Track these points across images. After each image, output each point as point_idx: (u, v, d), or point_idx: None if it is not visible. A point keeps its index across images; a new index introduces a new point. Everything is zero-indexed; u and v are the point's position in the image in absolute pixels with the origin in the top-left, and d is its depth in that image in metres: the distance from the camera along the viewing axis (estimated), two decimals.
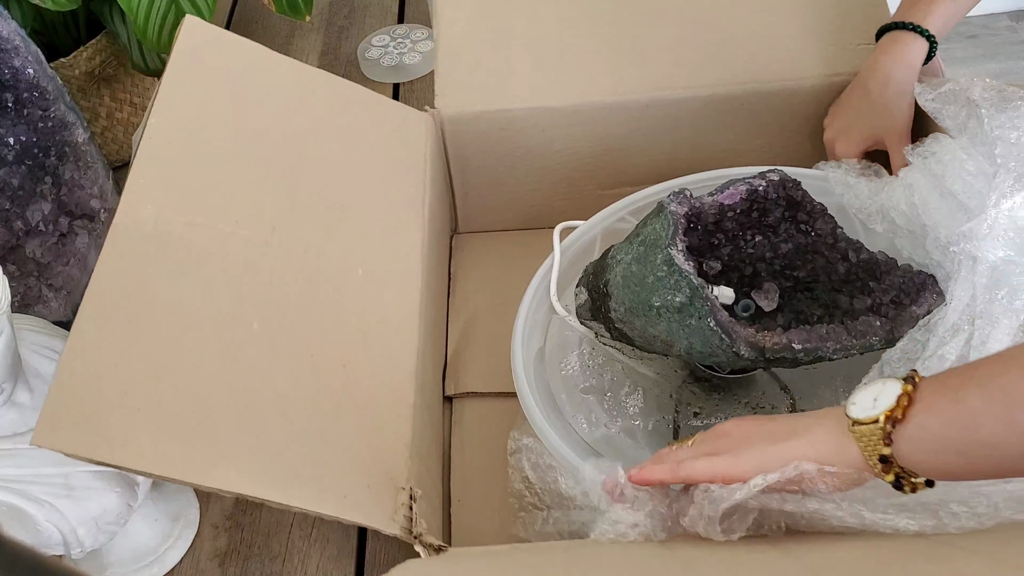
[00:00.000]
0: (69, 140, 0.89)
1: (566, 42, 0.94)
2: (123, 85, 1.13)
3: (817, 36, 0.91)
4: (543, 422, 0.70)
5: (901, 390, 0.48)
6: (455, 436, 0.85)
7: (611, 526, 0.57)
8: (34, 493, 0.66)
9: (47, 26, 1.05)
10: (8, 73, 0.83)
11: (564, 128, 0.93)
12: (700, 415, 0.75)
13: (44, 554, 0.32)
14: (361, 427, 0.68)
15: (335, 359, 0.71)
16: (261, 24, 1.33)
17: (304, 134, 0.82)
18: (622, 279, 0.69)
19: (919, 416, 0.47)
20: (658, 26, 0.94)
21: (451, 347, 0.92)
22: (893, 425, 0.47)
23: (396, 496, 0.65)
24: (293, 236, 0.75)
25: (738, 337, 0.64)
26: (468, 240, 1.03)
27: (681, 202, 0.70)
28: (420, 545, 0.63)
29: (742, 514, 0.53)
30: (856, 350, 0.65)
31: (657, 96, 0.90)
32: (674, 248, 0.66)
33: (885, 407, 0.48)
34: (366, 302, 0.75)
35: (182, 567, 0.78)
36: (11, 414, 0.66)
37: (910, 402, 0.47)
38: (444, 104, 0.91)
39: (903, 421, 0.47)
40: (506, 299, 0.93)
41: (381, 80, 1.22)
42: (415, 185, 0.86)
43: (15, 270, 0.89)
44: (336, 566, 0.77)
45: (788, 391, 0.75)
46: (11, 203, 0.87)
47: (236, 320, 0.68)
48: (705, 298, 0.64)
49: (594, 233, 0.85)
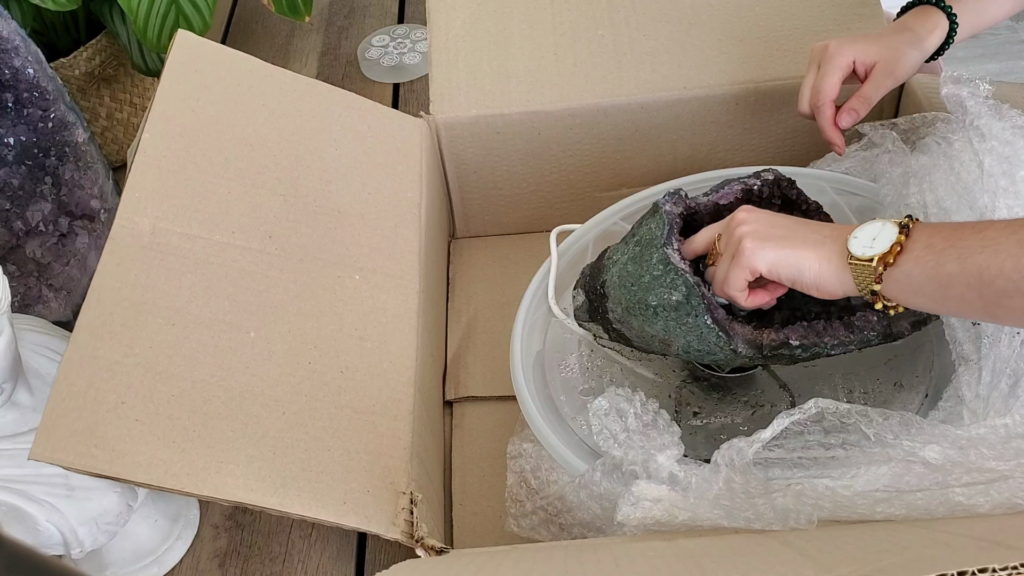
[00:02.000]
0: (69, 140, 0.89)
1: (561, 45, 0.94)
2: (123, 85, 1.13)
3: (811, 36, 0.91)
4: (543, 425, 0.70)
5: (895, 238, 0.55)
6: (455, 439, 0.85)
7: (633, 506, 0.58)
8: (34, 493, 0.66)
9: (47, 26, 1.05)
10: (8, 73, 0.83)
11: (560, 131, 0.93)
12: (700, 415, 0.75)
13: (44, 554, 0.32)
14: (360, 432, 0.68)
15: (333, 365, 0.71)
16: (261, 24, 1.33)
17: (299, 143, 0.82)
18: (618, 279, 0.69)
19: (906, 265, 0.54)
20: (653, 28, 0.94)
21: (450, 351, 0.92)
22: (884, 267, 0.55)
23: (396, 500, 0.65)
24: (290, 244, 0.75)
25: (735, 334, 0.64)
26: (466, 245, 1.03)
27: (676, 202, 0.70)
28: (422, 548, 0.63)
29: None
30: (854, 345, 0.65)
31: (653, 97, 0.90)
32: (670, 247, 0.66)
33: (880, 250, 0.55)
34: (364, 308, 0.76)
35: (182, 567, 0.78)
36: (11, 414, 0.66)
37: (901, 250, 0.55)
38: (439, 110, 0.91)
39: (893, 266, 0.55)
40: (505, 303, 0.93)
41: (381, 80, 1.22)
42: (411, 190, 0.86)
43: (15, 270, 0.89)
44: (336, 566, 0.77)
45: (787, 389, 0.75)
46: (11, 203, 0.88)
47: (233, 328, 0.68)
48: (701, 296, 0.64)
49: (588, 238, 0.85)
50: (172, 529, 0.79)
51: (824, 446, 0.58)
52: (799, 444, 0.59)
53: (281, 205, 0.77)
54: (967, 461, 0.53)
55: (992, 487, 0.52)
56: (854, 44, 0.77)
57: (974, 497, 0.53)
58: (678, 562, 0.52)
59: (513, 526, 0.73)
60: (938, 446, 0.54)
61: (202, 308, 0.68)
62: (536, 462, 0.73)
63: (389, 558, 0.78)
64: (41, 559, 0.31)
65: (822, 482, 0.55)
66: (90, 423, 0.60)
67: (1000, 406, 0.58)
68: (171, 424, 0.62)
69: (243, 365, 0.67)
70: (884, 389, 0.71)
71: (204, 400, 0.64)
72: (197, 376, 0.65)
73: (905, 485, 0.54)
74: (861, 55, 0.77)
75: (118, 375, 0.63)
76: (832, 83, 0.76)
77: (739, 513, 0.56)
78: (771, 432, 0.56)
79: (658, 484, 0.59)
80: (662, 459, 0.61)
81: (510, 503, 0.73)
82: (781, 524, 0.55)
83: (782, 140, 0.94)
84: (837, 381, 0.74)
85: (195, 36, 0.83)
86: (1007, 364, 0.60)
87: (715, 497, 0.57)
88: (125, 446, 0.60)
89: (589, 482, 0.65)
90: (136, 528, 0.76)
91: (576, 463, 0.67)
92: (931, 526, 0.52)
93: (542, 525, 0.71)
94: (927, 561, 0.42)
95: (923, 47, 0.78)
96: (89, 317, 0.64)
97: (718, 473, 0.57)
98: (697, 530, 0.58)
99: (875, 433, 0.56)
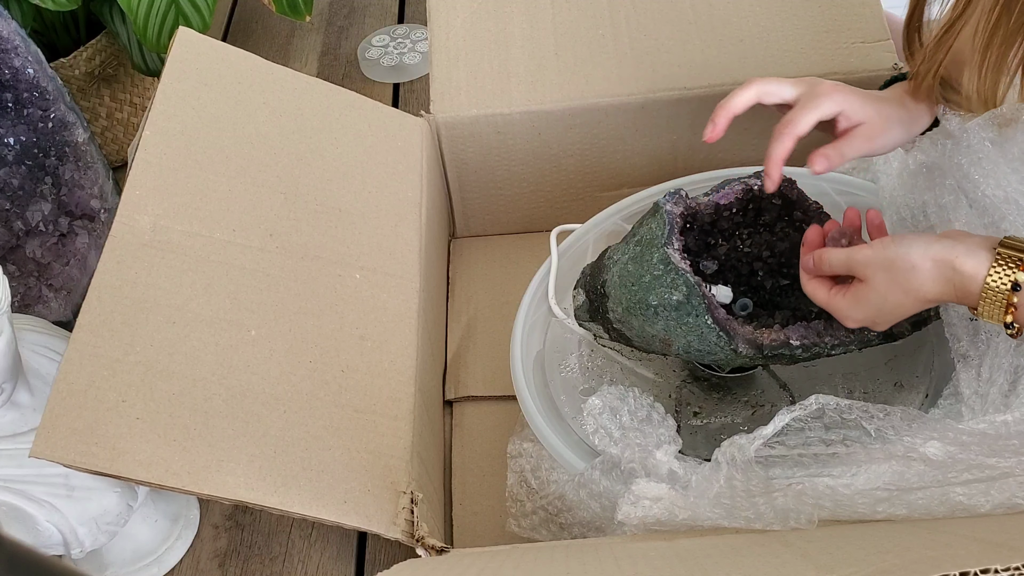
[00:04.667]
0: (69, 140, 0.89)
1: (561, 45, 0.94)
2: (123, 85, 1.13)
3: (812, 35, 0.91)
4: (543, 424, 0.70)
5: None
6: (456, 439, 0.85)
7: (633, 505, 0.58)
8: (34, 493, 0.66)
9: (47, 26, 1.05)
10: (8, 73, 0.83)
11: (561, 131, 0.93)
12: (700, 415, 0.75)
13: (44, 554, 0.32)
14: (360, 432, 0.68)
15: (334, 364, 0.71)
16: (261, 24, 1.33)
17: (299, 141, 0.82)
18: (619, 279, 0.69)
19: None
20: (653, 27, 0.94)
21: (451, 351, 0.92)
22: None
23: (397, 500, 0.65)
24: (290, 242, 0.75)
25: (736, 334, 0.64)
26: (466, 244, 1.03)
27: (676, 202, 0.70)
28: (422, 548, 0.63)
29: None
30: (854, 345, 0.65)
31: (653, 97, 0.90)
32: (670, 247, 0.66)
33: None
34: (364, 307, 0.76)
35: (182, 567, 0.78)
36: (11, 414, 0.66)
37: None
38: (440, 109, 0.91)
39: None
40: (505, 302, 0.93)
41: (381, 80, 1.22)
42: (412, 190, 0.86)
43: (15, 270, 0.89)
44: (336, 566, 0.77)
45: (787, 389, 0.75)
46: (11, 203, 0.88)
47: (234, 326, 0.68)
48: (702, 295, 0.64)
49: (588, 237, 0.85)
50: (172, 529, 0.79)
51: (825, 442, 0.58)
52: (800, 441, 0.59)
53: (282, 203, 0.77)
54: (968, 457, 0.53)
55: (993, 486, 0.52)
56: (848, 96, 0.70)
57: (974, 497, 0.53)
58: (679, 562, 0.52)
59: (513, 526, 0.73)
60: (939, 442, 0.54)
61: (203, 306, 0.68)
62: (536, 462, 0.73)
63: (389, 558, 0.78)
64: (41, 559, 0.31)
65: (822, 481, 0.55)
66: (91, 421, 0.60)
67: (999, 403, 0.58)
68: (172, 422, 0.62)
69: (244, 363, 0.67)
70: (884, 389, 0.72)
71: (205, 398, 0.64)
72: (198, 374, 0.65)
73: (906, 483, 0.54)
74: (850, 109, 0.70)
75: (119, 373, 0.63)
76: (809, 121, 0.69)
77: (739, 512, 0.56)
78: (773, 428, 0.56)
79: (658, 482, 0.59)
80: (660, 455, 0.61)
81: (510, 503, 0.73)
82: (781, 524, 0.55)
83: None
84: (837, 381, 0.74)
85: (196, 33, 0.82)
86: (1004, 360, 0.60)
87: (716, 495, 0.57)
88: (126, 444, 0.60)
89: (588, 480, 0.65)
90: (136, 528, 0.76)
91: (576, 463, 0.67)
92: (933, 527, 0.52)
93: (542, 525, 0.71)
94: (929, 562, 0.42)
95: (911, 132, 0.73)
96: (90, 315, 0.64)
97: (719, 471, 0.57)
98: (698, 530, 0.58)
99: (876, 429, 0.56)
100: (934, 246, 0.58)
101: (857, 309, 0.61)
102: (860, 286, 0.61)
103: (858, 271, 0.61)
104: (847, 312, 0.62)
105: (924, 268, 0.58)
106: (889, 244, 0.60)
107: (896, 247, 0.59)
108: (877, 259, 0.60)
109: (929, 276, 0.57)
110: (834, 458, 0.58)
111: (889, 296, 0.59)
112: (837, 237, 0.67)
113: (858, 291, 0.61)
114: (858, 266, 0.61)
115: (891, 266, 0.59)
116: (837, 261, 0.62)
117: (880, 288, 0.59)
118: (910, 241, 0.59)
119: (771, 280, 0.74)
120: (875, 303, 0.60)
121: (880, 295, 0.60)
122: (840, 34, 0.91)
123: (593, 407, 0.66)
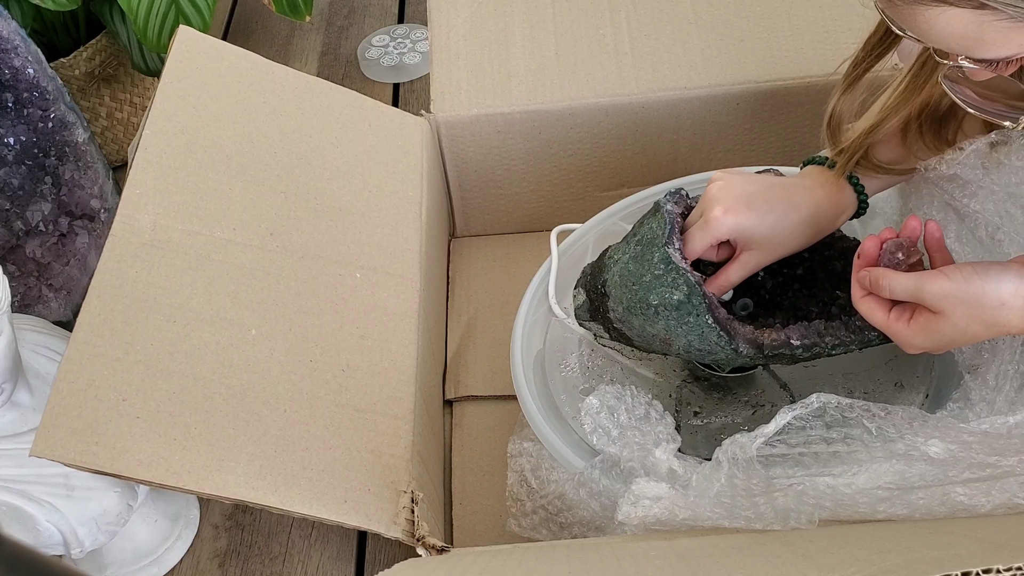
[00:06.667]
0: (69, 140, 0.89)
1: (562, 44, 0.94)
2: (123, 85, 1.13)
3: (812, 36, 0.91)
4: (543, 424, 0.70)
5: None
6: (456, 438, 0.85)
7: (633, 505, 0.58)
8: (34, 493, 0.66)
9: (47, 26, 1.05)
10: (8, 73, 0.83)
11: (561, 130, 0.93)
12: (700, 414, 0.75)
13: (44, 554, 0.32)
14: (361, 431, 0.68)
15: (334, 363, 0.71)
16: (261, 24, 1.33)
17: (300, 140, 0.82)
18: (619, 278, 0.69)
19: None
20: (654, 27, 0.94)
21: (451, 350, 0.92)
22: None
23: (397, 499, 0.65)
24: (291, 241, 0.75)
25: (736, 334, 0.64)
26: (467, 244, 1.03)
27: (677, 201, 0.70)
28: (423, 547, 0.63)
29: None
30: (855, 345, 0.65)
31: (653, 97, 0.90)
32: (671, 246, 0.66)
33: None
34: (364, 306, 0.75)
35: (182, 567, 0.78)
36: (11, 414, 0.66)
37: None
38: (440, 108, 0.91)
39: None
40: (505, 302, 0.93)
41: (381, 80, 1.22)
42: (412, 189, 0.86)
43: (15, 270, 0.89)
44: (336, 566, 0.77)
45: (788, 389, 0.75)
46: (11, 203, 0.88)
47: (234, 325, 0.68)
48: (703, 295, 0.64)
49: (588, 237, 0.85)
50: (172, 529, 0.79)
51: (826, 441, 0.58)
52: (801, 439, 0.58)
53: (282, 202, 0.77)
54: (969, 456, 0.53)
55: (994, 486, 0.52)
56: (739, 216, 0.66)
57: (975, 497, 0.53)
58: (680, 562, 0.52)
59: (513, 525, 0.73)
60: (940, 441, 0.54)
61: (203, 305, 0.68)
62: (536, 461, 0.73)
63: (389, 558, 0.78)
64: (41, 559, 0.31)
65: (823, 480, 0.55)
66: (91, 420, 0.60)
67: (1005, 409, 0.58)
68: (172, 421, 0.62)
69: (244, 363, 0.67)
70: (884, 389, 0.71)
71: (205, 398, 0.64)
72: (198, 373, 0.65)
73: (907, 482, 0.54)
74: (740, 233, 0.66)
75: (119, 372, 0.62)
76: (700, 247, 0.67)
77: (740, 512, 0.56)
78: (774, 426, 0.56)
79: (658, 481, 0.59)
80: (659, 453, 0.61)
81: (510, 502, 0.73)
82: (782, 524, 0.55)
83: (782, 140, 0.94)
84: (837, 381, 0.74)
85: (196, 33, 0.82)
86: (1010, 367, 0.60)
87: (716, 495, 0.57)
88: (126, 443, 0.60)
89: (588, 479, 0.65)
90: (136, 528, 0.76)
91: (576, 462, 0.67)
92: (934, 527, 0.52)
93: (542, 524, 0.71)
94: (932, 562, 0.42)
95: (820, 231, 0.69)
96: (90, 314, 0.64)
97: (720, 469, 0.57)
98: (698, 530, 0.58)
99: (877, 427, 0.56)
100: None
101: (926, 340, 0.57)
102: (933, 318, 0.56)
103: (931, 304, 0.56)
104: (912, 340, 0.58)
105: (1016, 306, 0.54)
106: (972, 277, 0.55)
107: (983, 282, 0.55)
108: (958, 294, 0.55)
109: (1020, 313, 0.54)
110: (835, 457, 0.58)
111: (969, 330, 0.56)
112: (893, 250, 0.62)
113: (930, 323, 0.57)
114: (932, 299, 0.56)
115: (976, 302, 0.55)
116: (902, 289, 0.58)
117: (960, 323, 0.55)
118: (998, 275, 0.55)
119: (772, 280, 0.74)
120: (950, 336, 0.56)
121: (959, 329, 0.56)
122: (840, 35, 0.91)
123: (591, 406, 0.65)
